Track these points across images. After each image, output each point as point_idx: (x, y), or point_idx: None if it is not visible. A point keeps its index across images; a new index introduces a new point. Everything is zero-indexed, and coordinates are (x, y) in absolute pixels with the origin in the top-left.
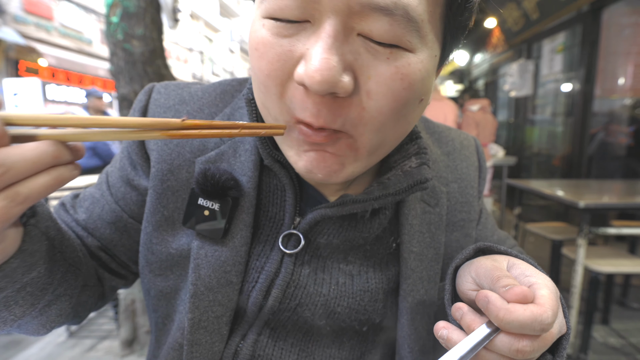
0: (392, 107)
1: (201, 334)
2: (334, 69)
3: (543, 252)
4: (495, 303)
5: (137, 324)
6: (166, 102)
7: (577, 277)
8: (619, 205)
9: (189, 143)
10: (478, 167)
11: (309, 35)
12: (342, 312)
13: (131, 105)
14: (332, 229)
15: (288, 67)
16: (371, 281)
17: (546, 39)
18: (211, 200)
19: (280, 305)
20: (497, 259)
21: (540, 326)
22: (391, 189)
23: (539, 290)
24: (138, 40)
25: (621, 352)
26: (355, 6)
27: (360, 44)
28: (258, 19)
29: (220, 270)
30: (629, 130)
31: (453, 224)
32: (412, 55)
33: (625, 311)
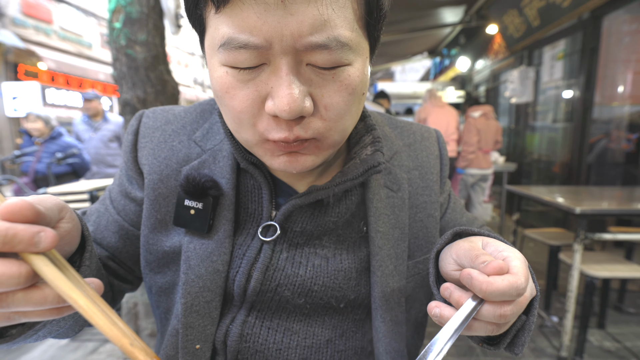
0: (345, 110)
1: (194, 317)
2: (298, 99)
3: (542, 258)
4: (477, 278)
5: (140, 327)
6: (154, 123)
7: (573, 282)
8: (614, 211)
9: (175, 155)
10: (439, 155)
11: (268, 76)
12: (318, 290)
13: (134, 111)
14: (304, 216)
15: (257, 104)
16: (344, 262)
17: (547, 45)
18: (195, 201)
19: (261, 286)
20: (473, 240)
21: (516, 292)
22: (349, 175)
23: (512, 262)
24: (141, 46)
25: (616, 356)
26: (300, 47)
27: (310, 72)
28: (219, 65)
29: (207, 260)
30: (633, 137)
31: (416, 206)
32: (350, 67)
33: (621, 316)
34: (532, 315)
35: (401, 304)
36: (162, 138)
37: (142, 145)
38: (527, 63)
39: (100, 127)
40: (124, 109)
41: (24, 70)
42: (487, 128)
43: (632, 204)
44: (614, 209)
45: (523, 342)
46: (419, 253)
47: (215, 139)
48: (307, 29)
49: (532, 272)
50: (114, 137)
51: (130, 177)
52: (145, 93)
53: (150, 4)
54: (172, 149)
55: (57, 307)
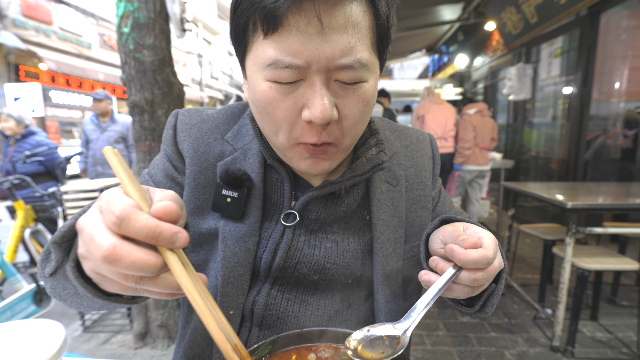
0: (359, 118)
1: (229, 287)
2: (328, 109)
3: (538, 253)
4: (457, 250)
5: (150, 318)
6: (190, 121)
7: (565, 274)
8: (605, 205)
9: (212, 151)
10: (432, 156)
11: (305, 90)
12: (330, 268)
13: (142, 112)
14: (319, 206)
15: (295, 113)
16: (351, 245)
17: (545, 43)
18: (232, 190)
19: (284, 263)
20: (456, 225)
21: (486, 261)
22: (358, 172)
23: (484, 239)
24: (148, 49)
25: (607, 346)
26: (331, 67)
27: (337, 87)
28: (263, 81)
29: (241, 240)
30: (630, 134)
31: (412, 199)
32: (366, 84)
33: (614, 308)
34: (500, 283)
35: (399, 281)
36: (199, 134)
37: (182, 139)
38: (525, 60)
39: (107, 128)
40: (133, 110)
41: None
42: (483, 125)
43: (627, 199)
44: (605, 203)
45: (492, 304)
46: (414, 238)
47: (244, 139)
48: (338, 54)
49: (502, 250)
50: (120, 138)
51: (174, 165)
52: (153, 95)
53: (156, 9)
54: (208, 145)
55: (174, 293)
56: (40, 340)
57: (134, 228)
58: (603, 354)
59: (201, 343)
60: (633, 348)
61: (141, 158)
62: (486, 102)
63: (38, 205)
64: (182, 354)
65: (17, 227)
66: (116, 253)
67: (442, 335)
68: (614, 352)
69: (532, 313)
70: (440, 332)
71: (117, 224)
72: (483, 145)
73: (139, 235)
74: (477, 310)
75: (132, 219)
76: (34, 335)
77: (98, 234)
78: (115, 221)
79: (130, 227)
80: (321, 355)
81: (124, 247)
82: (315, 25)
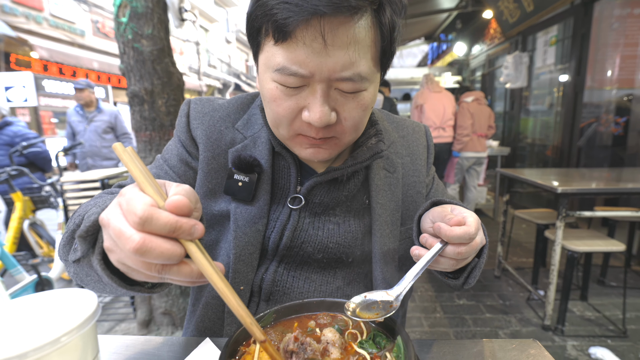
0: (359, 121)
1: (240, 264)
2: (326, 114)
3: (533, 237)
4: (444, 227)
5: (153, 306)
6: (202, 109)
7: (555, 257)
8: (594, 190)
9: (223, 138)
10: (426, 146)
11: (307, 94)
12: (332, 247)
13: (142, 102)
14: (322, 191)
15: (295, 112)
16: (352, 226)
17: (540, 31)
18: (243, 175)
19: (290, 243)
20: (444, 207)
21: (469, 236)
22: (358, 159)
23: (468, 218)
24: (147, 39)
25: (595, 324)
26: (332, 78)
27: (337, 94)
28: (271, 81)
29: (251, 222)
30: (621, 121)
31: (407, 185)
32: (366, 92)
33: (603, 289)
34: (482, 258)
35: (395, 260)
36: (211, 122)
37: (195, 126)
38: (521, 49)
39: (93, 118)
40: (133, 100)
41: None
42: (480, 112)
43: (617, 184)
44: (594, 188)
45: (475, 276)
46: (409, 221)
47: (254, 128)
48: (340, 68)
49: (484, 229)
50: (109, 127)
51: (188, 151)
52: (152, 85)
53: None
54: (220, 133)
55: (194, 281)
56: (75, 306)
57: (156, 226)
58: (591, 331)
59: (212, 317)
60: (619, 325)
61: (142, 148)
62: (484, 90)
63: (36, 196)
64: (193, 327)
65: (16, 218)
66: (146, 246)
67: (439, 317)
68: (601, 330)
69: (525, 295)
70: (437, 314)
71: (141, 224)
72: (480, 133)
73: (162, 231)
74: (462, 282)
75: (154, 219)
76: (69, 302)
77: (125, 229)
78: (139, 222)
79: (153, 226)
80: (320, 322)
81: (152, 240)
82: (320, 41)
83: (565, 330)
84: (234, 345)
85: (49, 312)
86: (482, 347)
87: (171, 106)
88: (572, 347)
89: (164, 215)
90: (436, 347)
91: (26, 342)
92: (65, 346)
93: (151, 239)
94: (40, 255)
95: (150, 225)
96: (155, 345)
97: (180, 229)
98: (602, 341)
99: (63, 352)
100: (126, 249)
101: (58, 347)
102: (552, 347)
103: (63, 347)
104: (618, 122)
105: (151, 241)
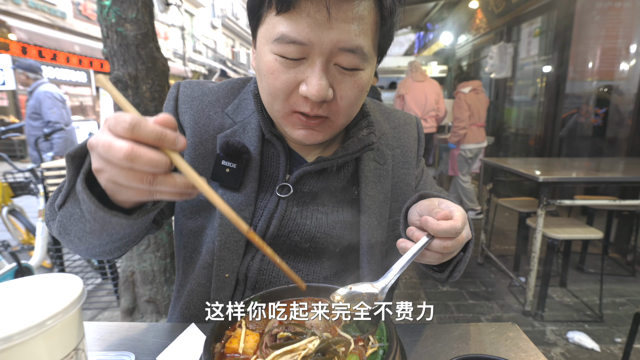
0: (354, 101)
1: (226, 252)
2: (324, 88)
3: (515, 225)
4: (430, 221)
5: (137, 294)
6: (192, 93)
7: (536, 244)
8: (574, 179)
9: (212, 123)
10: (417, 138)
11: (306, 68)
12: (320, 237)
13: (126, 87)
14: (311, 180)
15: (293, 86)
16: (340, 217)
17: (525, 22)
18: (231, 161)
19: (277, 232)
20: (432, 200)
21: (455, 231)
22: (349, 150)
23: (455, 212)
24: (131, 23)
25: (573, 309)
26: (334, 50)
27: (335, 70)
28: (269, 53)
29: (237, 209)
30: (601, 112)
31: (397, 176)
32: (363, 72)
33: (582, 275)
34: (467, 252)
35: (382, 252)
36: (200, 107)
37: (183, 110)
38: (506, 39)
39: (27, 103)
40: (116, 86)
41: None
42: (478, 102)
43: (596, 173)
44: (574, 177)
45: (460, 269)
46: (398, 213)
47: (244, 113)
48: (342, 40)
49: (471, 223)
50: (34, 113)
51: None
52: (137, 70)
53: None
54: (209, 118)
55: (181, 192)
56: (60, 291)
57: (144, 131)
58: (569, 316)
59: (197, 304)
60: (596, 310)
61: None
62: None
63: (16, 183)
64: (178, 314)
65: None
66: (135, 152)
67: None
68: (579, 315)
69: (507, 281)
70: (422, 300)
71: (130, 129)
72: (480, 123)
73: (149, 137)
74: (447, 276)
75: (142, 124)
76: (54, 286)
77: (114, 140)
78: (128, 127)
79: (141, 131)
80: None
81: (139, 148)
82: (324, 13)
83: (545, 316)
84: (220, 330)
85: (33, 296)
86: (463, 330)
87: (156, 92)
88: (551, 332)
89: (151, 123)
90: (418, 331)
91: (11, 326)
92: (51, 330)
93: (139, 147)
94: (20, 242)
95: (138, 130)
96: (140, 331)
97: (166, 137)
98: (580, 326)
99: (48, 336)
100: (117, 158)
101: (43, 331)
102: (532, 331)
103: (48, 330)
104: (598, 113)
105: (139, 148)
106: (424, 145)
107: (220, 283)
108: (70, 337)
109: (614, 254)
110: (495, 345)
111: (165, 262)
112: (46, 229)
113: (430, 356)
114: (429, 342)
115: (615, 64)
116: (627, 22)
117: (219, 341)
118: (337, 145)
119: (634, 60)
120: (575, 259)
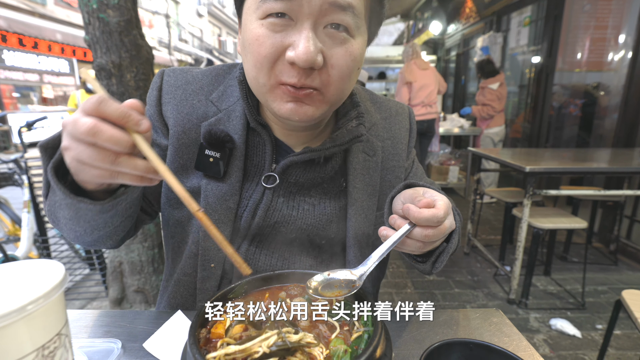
0: (346, 72)
1: (210, 242)
2: (313, 52)
3: (501, 215)
4: (412, 208)
5: (126, 284)
6: (175, 82)
7: (522, 233)
8: (560, 169)
9: (195, 112)
10: (409, 129)
11: (293, 31)
12: (306, 229)
13: (110, 76)
14: (298, 171)
15: (279, 51)
16: (327, 208)
17: (514, 11)
18: (214, 151)
19: (263, 222)
20: (417, 189)
21: (436, 219)
22: (337, 142)
23: (438, 201)
24: (113, 10)
25: (557, 297)
26: (324, 6)
27: (325, 35)
28: (255, 21)
29: (221, 199)
30: (579, 103)
31: (386, 169)
32: (354, 41)
33: (565, 264)
34: (451, 243)
35: (369, 244)
36: (183, 96)
37: (166, 100)
38: (496, 29)
39: None
40: (100, 74)
41: None
42: (506, 93)
43: (582, 163)
44: (560, 167)
45: (442, 261)
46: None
47: (229, 101)
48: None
49: (457, 213)
50: None
51: (156, 127)
52: (120, 58)
53: None
54: (192, 107)
55: (142, 176)
56: (42, 276)
57: (110, 108)
58: (553, 304)
59: (184, 293)
60: (578, 298)
61: None
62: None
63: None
64: (165, 303)
65: None
66: (97, 127)
67: (410, 292)
68: (562, 303)
69: (493, 270)
70: (408, 289)
71: (96, 105)
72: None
73: (114, 114)
74: (430, 267)
75: (109, 102)
76: (36, 271)
77: (81, 117)
78: (95, 103)
79: (107, 107)
80: (291, 293)
81: (103, 124)
82: None
83: (529, 304)
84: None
85: (14, 281)
86: (448, 316)
87: (140, 80)
88: (535, 319)
89: (117, 103)
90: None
91: None
92: (32, 314)
93: (102, 123)
94: (6, 234)
95: (105, 106)
96: (127, 319)
97: (129, 117)
98: (562, 313)
99: (30, 320)
100: (80, 132)
101: (24, 315)
102: (516, 319)
103: (29, 315)
104: (586, 104)
105: (102, 124)
106: (415, 137)
107: (206, 273)
108: (52, 322)
109: (598, 244)
110: (480, 331)
111: (153, 253)
112: (32, 220)
113: (415, 341)
114: (414, 327)
115: (605, 54)
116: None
117: (205, 327)
118: (326, 136)
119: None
120: (559, 248)
